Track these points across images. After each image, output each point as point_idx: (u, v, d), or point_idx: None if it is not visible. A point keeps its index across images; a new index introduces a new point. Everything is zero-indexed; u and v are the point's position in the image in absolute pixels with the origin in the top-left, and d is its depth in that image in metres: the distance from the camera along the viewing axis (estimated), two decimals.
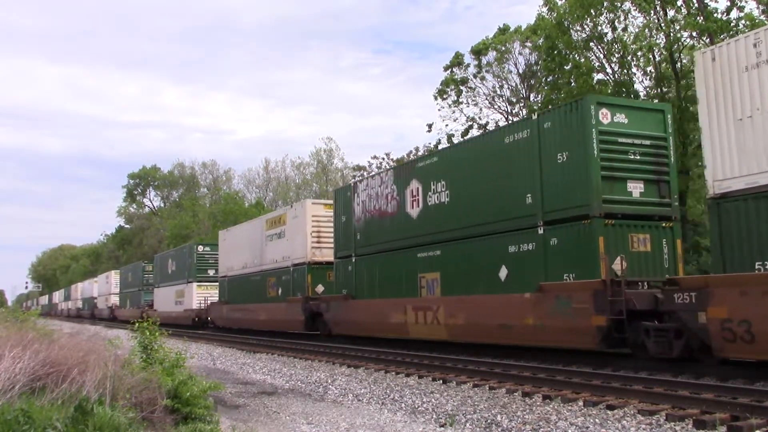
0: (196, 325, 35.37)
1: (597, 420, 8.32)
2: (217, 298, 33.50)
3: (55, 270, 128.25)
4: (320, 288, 23.11)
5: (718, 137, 11.03)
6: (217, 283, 34.04)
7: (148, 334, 10.14)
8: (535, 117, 14.52)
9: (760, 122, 10.42)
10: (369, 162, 55.68)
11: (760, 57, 10.41)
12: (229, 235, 32.79)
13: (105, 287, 61.05)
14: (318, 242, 23.66)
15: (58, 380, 7.21)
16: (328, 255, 22.91)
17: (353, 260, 20.59)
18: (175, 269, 39.58)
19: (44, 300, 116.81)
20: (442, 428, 8.72)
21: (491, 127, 40.04)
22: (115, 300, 57.07)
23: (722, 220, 10.78)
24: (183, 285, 37.55)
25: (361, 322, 20.03)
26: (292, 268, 24.53)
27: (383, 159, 53.82)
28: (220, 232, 34.94)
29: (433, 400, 10.50)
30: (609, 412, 8.71)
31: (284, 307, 24.63)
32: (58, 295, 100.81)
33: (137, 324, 10.46)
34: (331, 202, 23.90)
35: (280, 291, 25.43)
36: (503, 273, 14.58)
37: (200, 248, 36.97)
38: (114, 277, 58.71)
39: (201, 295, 35.52)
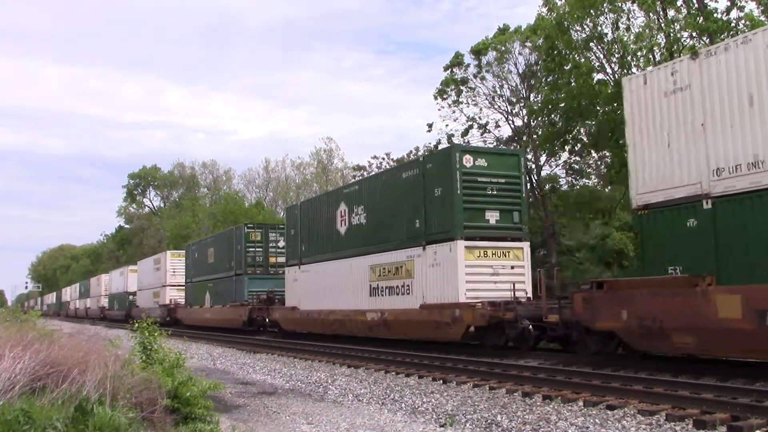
0: (472, 342, 15.97)
1: (597, 420, 8.32)
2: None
3: (55, 270, 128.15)
4: None
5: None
6: (500, 244, 15.73)
7: (147, 334, 10.16)
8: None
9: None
10: (369, 162, 55.93)
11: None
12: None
13: (154, 277, 42.66)
14: None
15: (58, 380, 7.22)
16: None
17: None
18: (365, 223, 19.42)
19: (50, 299, 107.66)
20: (442, 428, 8.72)
21: (491, 127, 40.05)
22: (174, 294, 38.95)
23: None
24: (405, 252, 17.20)
25: None
26: None
27: (383, 159, 54.02)
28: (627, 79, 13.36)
29: (433, 400, 10.50)
30: (609, 412, 8.72)
31: None
32: (70, 292, 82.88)
33: (137, 324, 10.46)
34: None
35: None
36: None
37: (467, 159, 15.75)
38: (171, 260, 40.28)
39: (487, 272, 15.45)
